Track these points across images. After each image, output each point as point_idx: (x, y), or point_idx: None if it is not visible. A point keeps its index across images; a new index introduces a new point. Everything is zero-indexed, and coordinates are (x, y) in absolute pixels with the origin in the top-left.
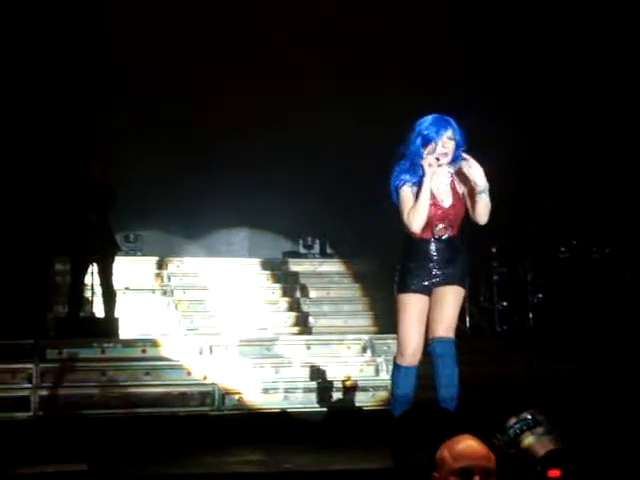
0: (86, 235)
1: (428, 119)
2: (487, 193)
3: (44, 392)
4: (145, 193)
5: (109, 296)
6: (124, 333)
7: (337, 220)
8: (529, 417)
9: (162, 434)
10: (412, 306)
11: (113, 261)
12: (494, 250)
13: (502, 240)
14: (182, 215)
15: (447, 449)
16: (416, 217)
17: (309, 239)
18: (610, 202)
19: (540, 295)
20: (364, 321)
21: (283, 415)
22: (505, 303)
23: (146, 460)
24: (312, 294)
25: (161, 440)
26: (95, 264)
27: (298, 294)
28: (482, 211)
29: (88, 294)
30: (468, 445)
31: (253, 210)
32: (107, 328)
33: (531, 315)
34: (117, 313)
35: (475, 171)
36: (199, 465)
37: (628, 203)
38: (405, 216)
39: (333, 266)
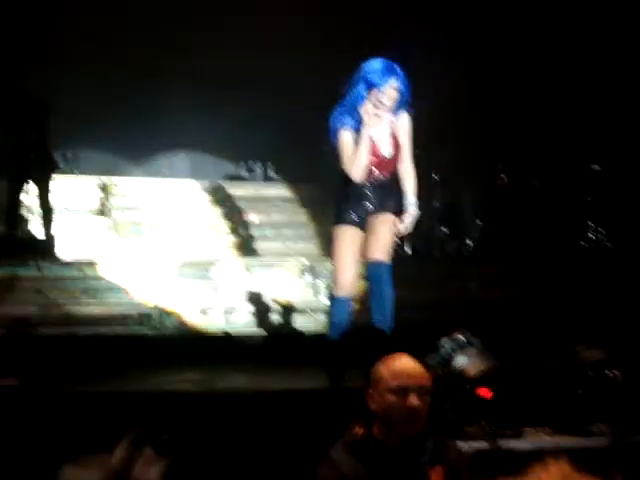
0: (23, 153)
1: (375, 63)
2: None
3: None
4: (86, 110)
5: (46, 215)
6: (63, 254)
7: (282, 145)
8: (461, 337)
9: (101, 354)
10: (346, 238)
11: (50, 179)
12: (435, 176)
13: (444, 170)
14: (124, 135)
15: (384, 367)
16: (355, 167)
17: (251, 162)
18: (551, 131)
19: (479, 221)
20: (306, 245)
21: (222, 336)
22: (444, 229)
23: (83, 378)
24: (254, 218)
25: (100, 359)
26: (32, 183)
27: (240, 217)
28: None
29: (25, 213)
30: (404, 363)
31: (196, 132)
32: (44, 248)
33: (469, 241)
34: (54, 232)
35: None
36: (137, 383)
37: (568, 132)
38: (345, 164)
39: (276, 190)
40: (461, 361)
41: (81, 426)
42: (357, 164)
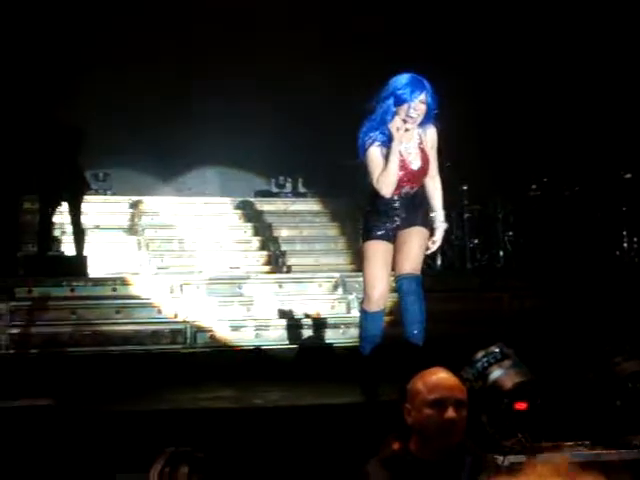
0: (55, 173)
1: (403, 79)
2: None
3: (14, 330)
4: (116, 131)
5: (78, 234)
6: (95, 272)
7: (310, 159)
8: (497, 350)
9: (133, 372)
10: (376, 253)
11: (82, 199)
12: (465, 188)
13: (473, 178)
14: (153, 154)
15: (420, 381)
16: (385, 183)
17: (281, 178)
18: (582, 140)
19: (511, 233)
20: (337, 259)
21: (254, 352)
22: (476, 241)
23: (117, 397)
24: (284, 233)
25: (132, 378)
26: (64, 202)
27: (270, 233)
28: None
29: (57, 233)
30: (441, 377)
31: (225, 149)
32: (76, 267)
33: (502, 253)
34: (86, 252)
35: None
36: (170, 401)
37: (599, 141)
38: (375, 180)
39: (305, 205)
40: (497, 374)
41: (117, 446)
42: (388, 180)
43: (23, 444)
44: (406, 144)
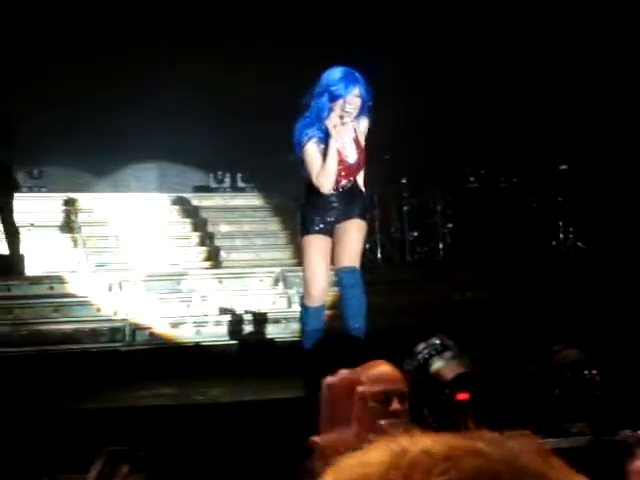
0: None
1: (336, 73)
2: None
3: None
4: (49, 127)
5: (12, 234)
6: (31, 271)
7: (249, 154)
8: (437, 342)
9: (72, 371)
10: (315, 247)
11: (13, 198)
12: (404, 181)
13: (413, 174)
14: (88, 150)
15: (362, 375)
16: (325, 180)
17: (220, 173)
18: (518, 132)
19: (450, 225)
20: (279, 254)
21: (195, 348)
22: (415, 233)
23: (58, 396)
24: (224, 228)
25: (71, 377)
26: None
27: (209, 229)
28: None
29: None
30: (384, 370)
31: (162, 144)
32: (12, 266)
33: (441, 245)
34: (22, 250)
35: None
36: (111, 400)
37: (535, 133)
38: (314, 177)
39: (245, 200)
40: (438, 365)
41: (56, 445)
42: (326, 176)
43: None
44: (342, 138)
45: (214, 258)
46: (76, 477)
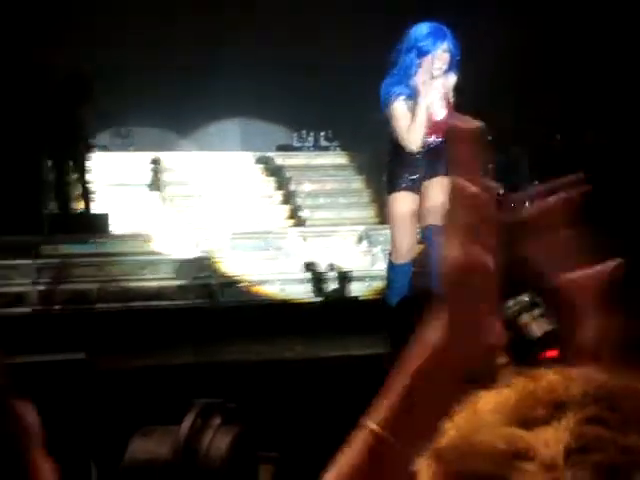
0: (70, 131)
1: (424, 29)
2: None
3: (42, 288)
4: (135, 86)
5: (85, 193)
6: (119, 229)
7: (333, 112)
8: (526, 299)
9: (160, 327)
10: (402, 204)
11: (84, 157)
12: (489, 138)
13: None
14: (173, 108)
15: None
16: (414, 138)
17: (303, 132)
18: (605, 86)
19: (536, 183)
20: (361, 213)
21: (280, 306)
22: (501, 191)
23: (146, 352)
24: (307, 187)
25: (159, 333)
26: (82, 160)
27: (293, 187)
28: None
29: (78, 191)
30: None
31: (245, 103)
32: (100, 224)
33: (527, 204)
34: (110, 208)
35: None
36: (199, 355)
37: (623, 89)
38: (402, 135)
39: (328, 159)
40: (527, 322)
41: (147, 399)
42: (416, 135)
43: (55, 398)
44: (430, 95)
45: (297, 217)
46: (170, 428)
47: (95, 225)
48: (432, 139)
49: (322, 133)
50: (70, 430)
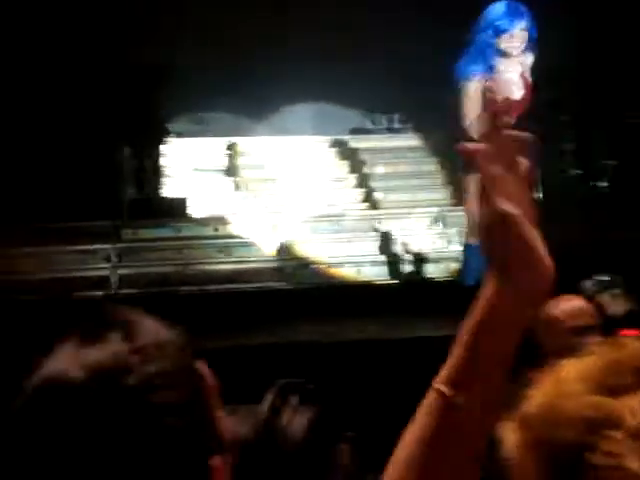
0: (148, 115)
1: (501, 7)
2: None
3: (122, 271)
4: (210, 71)
5: (157, 177)
6: (195, 213)
7: (406, 94)
8: (606, 278)
9: (237, 310)
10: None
11: (161, 144)
12: (564, 118)
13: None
14: (248, 93)
15: (557, 308)
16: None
17: (377, 114)
18: None
19: (612, 162)
20: (435, 194)
21: (354, 287)
22: (576, 171)
23: (222, 333)
24: (380, 170)
25: (237, 315)
26: (158, 145)
27: (366, 170)
28: None
29: (153, 175)
30: (577, 304)
31: (319, 87)
32: (177, 208)
33: (604, 183)
34: (187, 193)
35: None
36: (273, 336)
37: None
38: (469, 119)
39: (402, 141)
40: (607, 301)
41: (225, 379)
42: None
43: None
44: (508, 74)
45: (371, 199)
46: (250, 407)
47: (173, 209)
48: (508, 117)
49: (395, 115)
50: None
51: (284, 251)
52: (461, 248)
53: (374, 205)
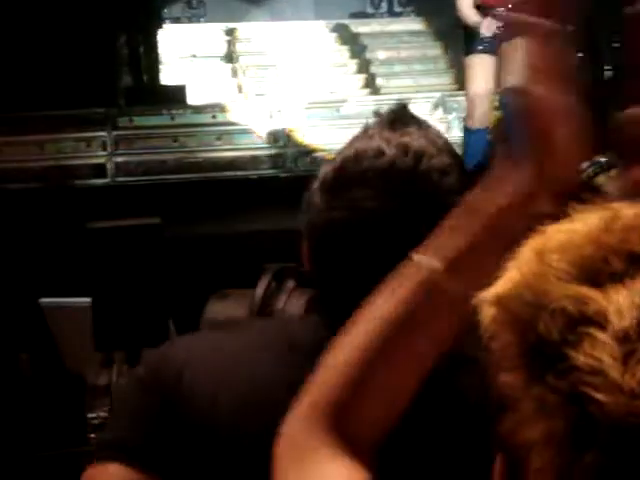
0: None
1: None
2: None
3: (119, 159)
4: None
5: (156, 64)
6: (193, 100)
7: None
8: (603, 160)
9: (234, 197)
10: (478, 67)
11: (157, 30)
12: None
13: None
14: None
15: None
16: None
17: None
18: None
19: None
20: (438, 79)
21: None
22: (580, 54)
23: (219, 219)
24: (381, 55)
25: (233, 202)
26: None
27: (367, 55)
28: None
29: (151, 62)
30: None
31: None
32: (175, 95)
33: (607, 67)
34: (184, 80)
35: None
36: (271, 222)
37: None
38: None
39: (403, 25)
40: (603, 182)
41: (221, 264)
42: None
43: (133, 261)
44: None
45: (372, 85)
46: (246, 291)
47: (170, 97)
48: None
49: None
50: (148, 289)
51: (283, 138)
52: (461, 134)
53: (375, 91)
